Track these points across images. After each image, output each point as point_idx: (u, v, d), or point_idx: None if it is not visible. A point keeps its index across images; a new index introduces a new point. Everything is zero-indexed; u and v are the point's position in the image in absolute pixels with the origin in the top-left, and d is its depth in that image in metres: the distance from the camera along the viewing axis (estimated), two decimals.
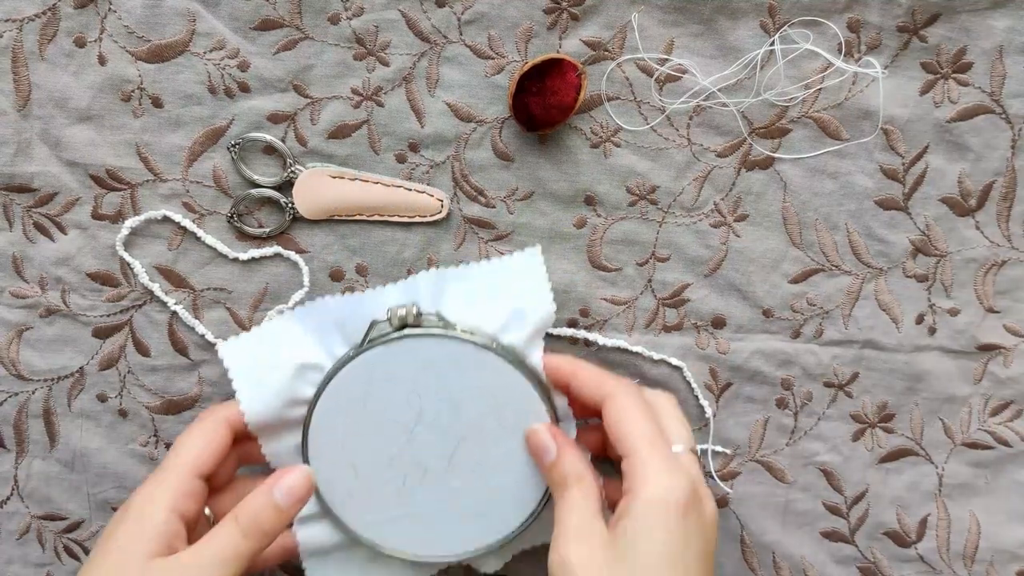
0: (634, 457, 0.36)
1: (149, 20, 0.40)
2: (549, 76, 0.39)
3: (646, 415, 0.37)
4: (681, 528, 0.34)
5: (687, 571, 0.34)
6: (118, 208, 0.42)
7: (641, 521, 0.34)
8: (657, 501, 0.35)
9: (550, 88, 0.39)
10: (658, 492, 0.35)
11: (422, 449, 0.40)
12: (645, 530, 0.34)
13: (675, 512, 0.34)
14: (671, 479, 0.35)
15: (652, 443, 0.36)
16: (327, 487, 0.41)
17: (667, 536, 0.34)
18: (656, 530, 0.34)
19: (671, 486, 0.35)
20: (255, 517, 0.36)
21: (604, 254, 0.43)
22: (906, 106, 0.41)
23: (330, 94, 0.41)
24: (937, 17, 0.40)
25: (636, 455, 0.36)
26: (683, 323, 0.44)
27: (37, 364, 0.44)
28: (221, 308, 0.43)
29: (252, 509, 0.36)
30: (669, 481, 0.35)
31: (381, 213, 0.42)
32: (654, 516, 0.34)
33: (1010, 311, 0.44)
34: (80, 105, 0.41)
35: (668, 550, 0.34)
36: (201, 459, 0.37)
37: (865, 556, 0.46)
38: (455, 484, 0.40)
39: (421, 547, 0.42)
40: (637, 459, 0.36)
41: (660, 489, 0.35)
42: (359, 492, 0.41)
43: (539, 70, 0.39)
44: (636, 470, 0.35)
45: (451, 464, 0.40)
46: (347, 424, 0.40)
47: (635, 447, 0.36)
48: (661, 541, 0.34)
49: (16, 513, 0.45)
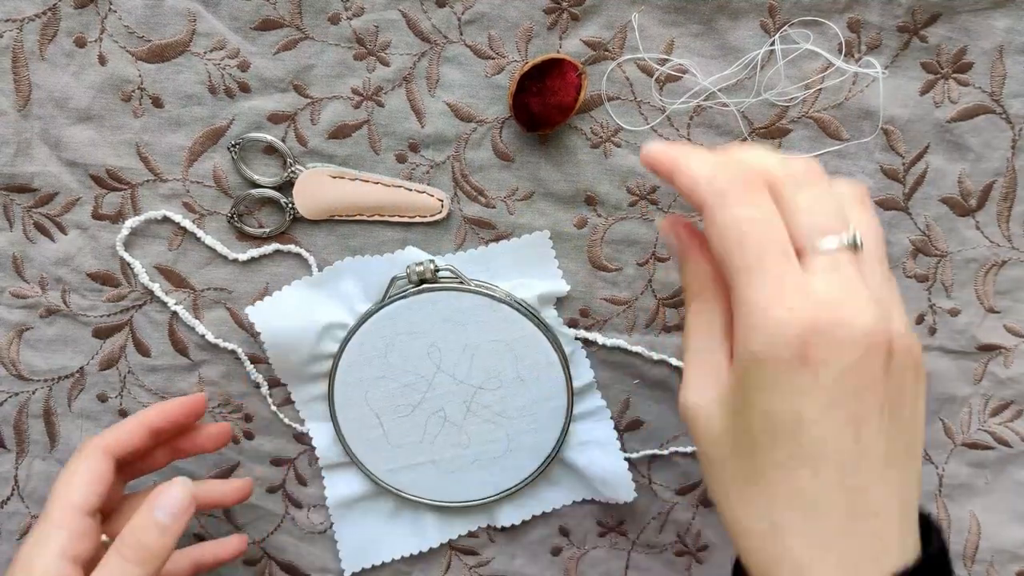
0: (732, 294, 0.29)
1: (149, 20, 0.40)
2: (549, 76, 0.39)
3: (757, 224, 0.29)
4: (792, 386, 0.27)
5: (828, 445, 0.27)
6: (118, 208, 0.42)
7: (743, 382, 0.28)
8: (748, 360, 0.28)
9: (550, 88, 0.39)
10: (753, 345, 0.28)
11: (442, 398, 0.43)
12: (748, 395, 0.28)
13: (782, 368, 0.27)
14: (774, 321, 0.27)
15: (753, 267, 0.28)
16: (352, 437, 0.43)
17: (777, 401, 0.27)
18: (759, 394, 0.28)
19: (773, 333, 0.27)
20: (139, 541, 0.34)
21: (604, 254, 0.43)
22: (906, 106, 0.41)
23: (330, 94, 0.41)
24: (937, 17, 0.40)
25: (733, 291, 0.29)
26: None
27: (37, 364, 0.44)
28: (221, 308, 0.43)
29: (135, 534, 0.34)
30: (770, 325, 0.27)
31: (381, 213, 0.42)
32: (753, 377, 0.28)
33: (1010, 311, 0.44)
34: (80, 105, 0.41)
35: (779, 423, 0.28)
36: (86, 497, 0.36)
37: None
38: (473, 431, 0.43)
39: (442, 492, 0.44)
40: (734, 297, 0.29)
41: (757, 341, 0.27)
42: (382, 441, 0.43)
43: (539, 70, 0.39)
44: (735, 310, 0.29)
45: (469, 412, 0.43)
46: (370, 376, 0.42)
47: (732, 279, 0.29)
48: (766, 413, 0.28)
49: (16, 513, 0.45)
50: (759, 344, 0.28)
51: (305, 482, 0.45)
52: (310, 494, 0.45)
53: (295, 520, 0.46)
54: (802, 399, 0.28)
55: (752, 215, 0.29)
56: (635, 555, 0.46)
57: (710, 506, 0.46)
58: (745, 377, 0.28)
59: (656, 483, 0.45)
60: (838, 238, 0.29)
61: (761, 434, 0.28)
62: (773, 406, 0.28)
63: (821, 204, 0.29)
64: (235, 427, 0.44)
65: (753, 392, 0.28)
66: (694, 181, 0.30)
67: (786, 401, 0.28)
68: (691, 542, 0.46)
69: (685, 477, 0.45)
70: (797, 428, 0.28)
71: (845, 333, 0.27)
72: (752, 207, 0.29)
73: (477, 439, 0.43)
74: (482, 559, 0.46)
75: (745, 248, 0.28)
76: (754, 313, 0.28)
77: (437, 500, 0.45)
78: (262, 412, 0.44)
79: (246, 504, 0.45)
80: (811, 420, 0.28)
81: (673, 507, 0.46)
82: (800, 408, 0.28)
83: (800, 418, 0.28)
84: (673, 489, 0.46)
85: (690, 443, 0.45)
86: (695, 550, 0.46)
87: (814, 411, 0.28)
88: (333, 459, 0.44)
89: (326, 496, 0.45)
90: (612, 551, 0.46)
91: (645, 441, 0.45)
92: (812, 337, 0.27)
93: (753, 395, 0.28)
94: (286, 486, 0.45)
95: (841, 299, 0.28)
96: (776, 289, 0.28)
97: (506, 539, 0.46)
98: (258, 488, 0.45)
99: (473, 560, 0.46)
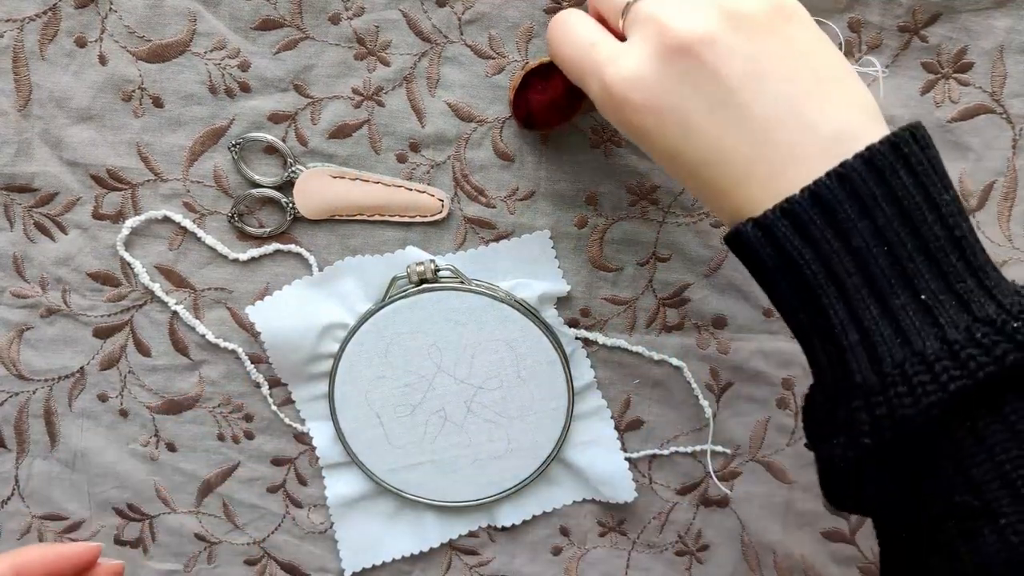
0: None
1: (150, 20, 0.40)
2: (554, 76, 0.39)
3: (565, 40, 0.34)
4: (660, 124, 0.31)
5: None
6: (119, 208, 0.42)
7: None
8: (599, 92, 0.32)
9: (552, 88, 0.39)
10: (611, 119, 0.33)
11: (442, 398, 0.43)
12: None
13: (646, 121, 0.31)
14: (613, 103, 0.32)
15: (582, 74, 0.33)
16: (353, 437, 0.43)
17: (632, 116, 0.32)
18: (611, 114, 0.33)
19: (618, 109, 0.32)
20: None
21: (605, 254, 0.43)
22: (907, 106, 0.41)
23: (331, 94, 0.41)
24: (938, 17, 0.40)
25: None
26: (684, 323, 0.44)
27: (38, 364, 0.44)
28: (222, 308, 0.43)
29: None
30: (614, 105, 0.32)
31: (382, 213, 0.42)
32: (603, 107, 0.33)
33: None
34: (81, 105, 0.41)
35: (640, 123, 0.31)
36: None
37: (866, 556, 0.46)
38: (474, 431, 0.43)
39: (443, 492, 0.44)
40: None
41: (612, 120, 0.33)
42: (383, 440, 0.43)
43: (545, 70, 0.39)
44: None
45: (470, 412, 0.43)
46: (371, 376, 0.42)
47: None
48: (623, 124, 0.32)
49: (17, 513, 0.45)
50: (616, 122, 0.32)
51: (305, 482, 0.45)
52: (310, 494, 0.45)
53: (295, 520, 0.46)
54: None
55: (560, 34, 0.34)
56: (635, 555, 0.46)
57: (711, 506, 0.46)
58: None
59: (656, 483, 0.45)
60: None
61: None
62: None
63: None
64: (236, 427, 0.45)
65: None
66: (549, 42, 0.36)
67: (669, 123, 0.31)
68: (691, 542, 0.46)
69: (685, 477, 0.45)
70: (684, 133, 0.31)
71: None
72: (559, 31, 0.35)
73: (477, 439, 0.44)
74: (482, 559, 0.46)
75: (568, 66, 0.34)
76: (599, 103, 0.33)
77: (437, 500, 0.45)
78: (262, 412, 0.44)
79: (247, 503, 0.45)
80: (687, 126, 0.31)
81: (673, 507, 0.46)
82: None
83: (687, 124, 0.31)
84: (673, 489, 0.46)
85: (690, 443, 0.45)
86: (695, 550, 0.46)
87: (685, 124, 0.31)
88: (333, 459, 0.44)
89: (326, 496, 0.45)
90: (612, 551, 0.46)
91: (645, 441, 0.45)
92: (632, 95, 0.31)
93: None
94: (286, 486, 0.45)
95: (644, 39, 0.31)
96: (597, 79, 0.32)
97: (506, 539, 0.46)
98: (258, 488, 0.45)
99: (473, 560, 0.46)
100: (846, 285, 0.28)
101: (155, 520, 0.46)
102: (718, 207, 0.32)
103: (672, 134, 0.30)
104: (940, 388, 0.27)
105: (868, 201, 0.28)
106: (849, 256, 0.28)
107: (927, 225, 0.28)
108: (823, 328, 0.29)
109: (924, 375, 0.27)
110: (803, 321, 0.30)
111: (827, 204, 0.28)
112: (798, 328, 0.31)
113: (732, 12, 0.30)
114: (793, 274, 0.29)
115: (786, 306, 0.31)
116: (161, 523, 0.46)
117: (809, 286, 0.29)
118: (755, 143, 0.29)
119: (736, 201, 0.30)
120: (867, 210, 0.28)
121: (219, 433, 0.44)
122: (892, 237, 0.28)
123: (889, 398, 0.27)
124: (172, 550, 0.46)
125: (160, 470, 0.45)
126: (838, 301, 0.29)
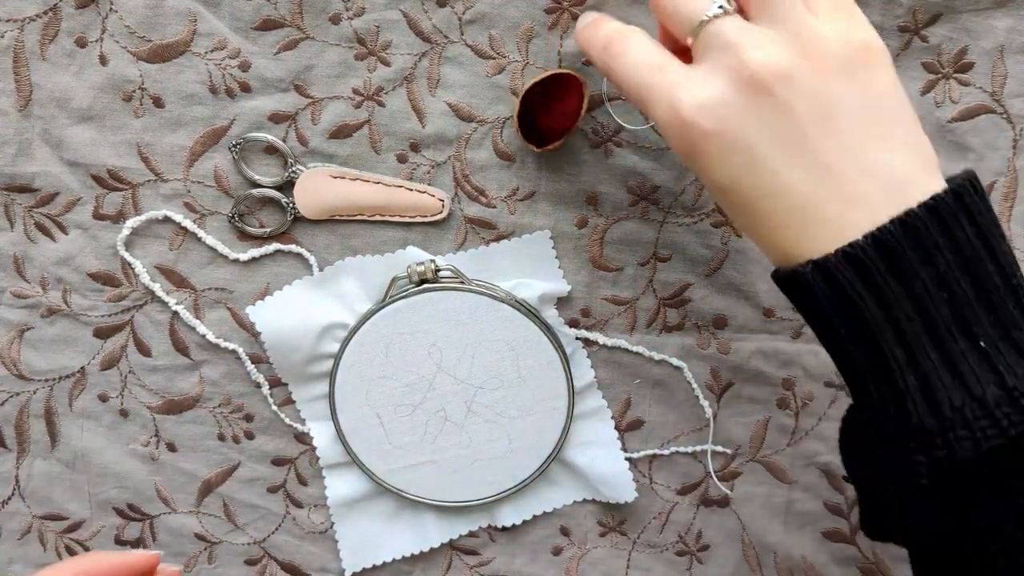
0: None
1: (150, 20, 0.40)
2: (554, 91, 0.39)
3: (628, 61, 0.33)
4: (723, 158, 0.31)
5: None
6: (119, 208, 0.42)
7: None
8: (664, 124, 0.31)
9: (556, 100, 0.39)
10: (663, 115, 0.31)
11: (442, 398, 0.43)
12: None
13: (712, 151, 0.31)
14: (676, 132, 0.31)
15: (644, 99, 0.32)
16: (353, 437, 0.43)
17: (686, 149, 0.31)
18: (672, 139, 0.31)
19: (680, 137, 0.31)
20: None
21: (605, 254, 0.43)
22: None
23: (331, 94, 0.41)
24: (938, 17, 0.40)
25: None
26: (684, 323, 0.44)
27: (38, 364, 0.44)
28: (222, 308, 0.43)
29: None
30: (676, 133, 0.31)
31: (382, 213, 0.42)
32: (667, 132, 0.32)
33: None
34: (81, 105, 0.41)
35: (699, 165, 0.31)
36: None
37: (866, 556, 0.46)
38: (474, 431, 0.43)
39: (443, 492, 0.44)
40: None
41: (675, 146, 0.32)
42: (383, 440, 0.44)
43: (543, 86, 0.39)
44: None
45: (470, 412, 0.43)
46: (371, 376, 0.42)
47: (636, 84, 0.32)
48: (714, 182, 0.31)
49: (17, 513, 0.45)
50: (679, 147, 0.31)
51: (306, 482, 0.45)
52: (311, 494, 0.45)
53: (296, 520, 0.46)
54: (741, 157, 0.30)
55: (621, 55, 0.33)
56: (636, 555, 0.46)
57: (711, 506, 0.46)
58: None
59: (657, 483, 0.45)
60: (701, 15, 0.31)
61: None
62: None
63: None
64: (236, 427, 0.45)
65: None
66: (586, 46, 0.35)
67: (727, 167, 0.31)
68: (692, 542, 0.46)
69: (686, 477, 0.45)
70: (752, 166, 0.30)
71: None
72: (620, 52, 0.33)
73: (478, 439, 0.44)
74: (483, 559, 0.46)
75: (629, 87, 0.32)
76: (663, 124, 0.31)
77: (438, 500, 0.45)
78: (263, 412, 0.44)
79: (247, 504, 0.45)
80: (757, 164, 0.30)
81: (674, 507, 0.46)
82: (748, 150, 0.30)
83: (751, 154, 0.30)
84: (674, 489, 0.46)
85: (691, 443, 0.45)
86: (696, 550, 0.46)
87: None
88: (334, 459, 0.44)
89: (327, 496, 0.45)
90: (613, 551, 0.46)
91: (646, 441, 0.45)
92: (700, 129, 0.30)
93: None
94: (287, 486, 0.45)
95: (706, 75, 0.31)
96: (666, 103, 0.31)
97: (507, 539, 0.46)
98: (259, 488, 0.45)
99: (474, 560, 0.46)
100: (906, 330, 0.29)
101: (155, 520, 0.46)
102: (768, 242, 0.31)
103: (735, 163, 0.30)
104: (1001, 433, 0.27)
105: (931, 249, 0.28)
106: (910, 302, 0.29)
107: (987, 273, 0.29)
108: (880, 370, 0.30)
109: (984, 420, 0.28)
110: (856, 361, 0.30)
111: (891, 251, 0.28)
112: (848, 367, 0.31)
113: (813, 49, 0.30)
114: (852, 317, 0.29)
115: (839, 346, 0.31)
116: (161, 523, 0.46)
117: (868, 329, 0.29)
118: (817, 182, 0.29)
119: (790, 239, 0.30)
120: (930, 258, 0.28)
121: (219, 433, 0.45)
122: (953, 285, 0.28)
123: (948, 441, 0.28)
124: (172, 550, 0.46)
125: (160, 470, 0.45)
126: (897, 345, 0.29)
